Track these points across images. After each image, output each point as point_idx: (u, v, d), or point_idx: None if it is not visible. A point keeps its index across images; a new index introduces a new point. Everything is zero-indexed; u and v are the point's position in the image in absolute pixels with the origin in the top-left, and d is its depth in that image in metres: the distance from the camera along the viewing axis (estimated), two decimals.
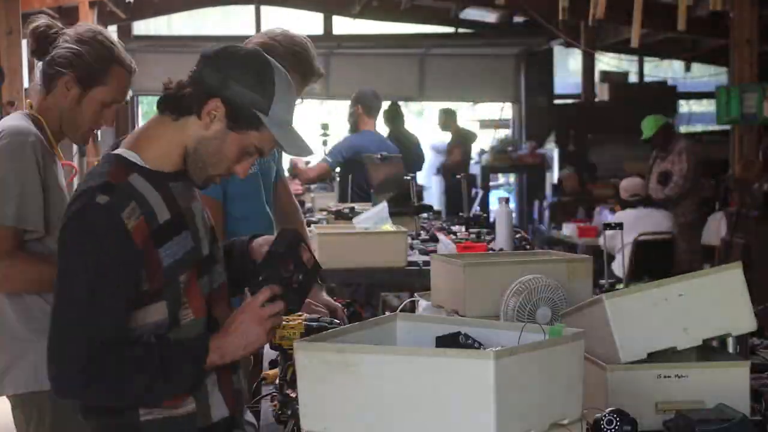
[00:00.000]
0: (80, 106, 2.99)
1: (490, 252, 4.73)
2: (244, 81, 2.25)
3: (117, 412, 2.27)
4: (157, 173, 2.29)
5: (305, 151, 2.40)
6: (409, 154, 10.12)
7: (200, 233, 2.37)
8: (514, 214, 11.44)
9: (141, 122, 14.29)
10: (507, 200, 5.10)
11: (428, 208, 6.22)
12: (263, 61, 2.30)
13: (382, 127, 11.07)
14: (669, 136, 8.95)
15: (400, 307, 3.48)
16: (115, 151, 2.32)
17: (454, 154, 11.70)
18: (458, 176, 6.65)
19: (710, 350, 2.57)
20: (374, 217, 4.94)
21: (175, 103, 2.28)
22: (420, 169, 9.84)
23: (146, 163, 2.29)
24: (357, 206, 5.84)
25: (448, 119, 12.00)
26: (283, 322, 2.61)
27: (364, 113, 7.62)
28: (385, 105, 11.16)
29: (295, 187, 7.04)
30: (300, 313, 2.67)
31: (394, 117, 10.47)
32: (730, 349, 2.75)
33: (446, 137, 12.28)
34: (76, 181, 11.60)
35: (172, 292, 2.27)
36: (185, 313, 2.29)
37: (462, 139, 11.92)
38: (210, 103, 2.25)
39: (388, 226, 4.90)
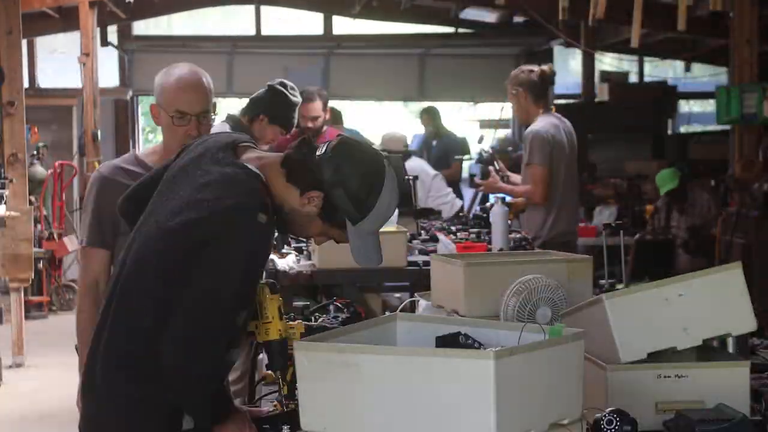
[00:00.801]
0: None
1: (490, 252, 4.73)
2: (351, 189, 2.39)
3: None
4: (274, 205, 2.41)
5: (372, 262, 2.55)
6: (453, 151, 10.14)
7: None
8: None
9: (141, 122, 14.28)
10: (503, 199, 5.10)
11: (430, 212, 6.22)
12: (378, 172, 2.42)
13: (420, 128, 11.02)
14: (685, 188, 9.11)
15: (400, 307, 3.48)
16: (256, 170, 2.41)
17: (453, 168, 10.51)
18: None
19: (710, 350, 2.57)
20: None
21: (293, 172, 2.42)
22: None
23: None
24: None
25: (429, 118, 11.27)
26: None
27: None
28: (424, 105, 11.18)
29: None
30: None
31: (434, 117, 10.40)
32: (730, 349, 2.75)
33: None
34: (76, 181, 11.51)
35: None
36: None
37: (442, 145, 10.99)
38: (312, 194, 2.39)
39: (390, 227, 4.91)
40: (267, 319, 2.44)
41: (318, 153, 2.42)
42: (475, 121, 15.15)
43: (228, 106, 12.84)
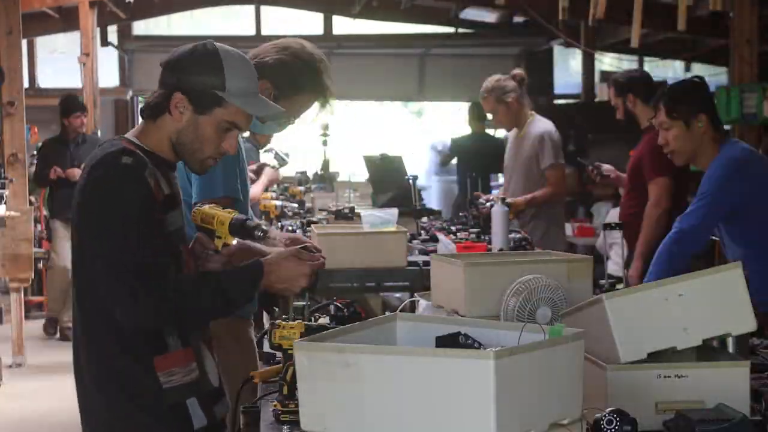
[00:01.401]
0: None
1: (490, 252, 4.73)
2: (194, 70, 2.54)
3: (138, 383, 2.49)
4: (157, 156, 2.57)
5: (272, 109, 2.68)
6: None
7: (185, 218, 2.68)
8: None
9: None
10: (503, 199, 5.10)
11: (430, 212, 6.22)
12: (208, 49, 2.58)
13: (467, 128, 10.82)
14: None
15: (401, 307, 3.48)
16: (125, 136, 2.64)
17: None
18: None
19: (710, 350, 2.57)
20: (382, 217, 4.95)
21: (149, 109, 2.59)
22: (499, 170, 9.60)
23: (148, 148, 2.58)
24: (356, 206, 5.84)
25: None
26: (283, 323, 2.67)
27: None
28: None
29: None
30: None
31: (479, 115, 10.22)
32: (730, 349, 2.75)
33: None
34: None
35: (175, 257, 2.56)
36: None
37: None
38: (174, 98, 2.54)
39: (391, 227, 4.91)
40: (214, 217, 2.69)
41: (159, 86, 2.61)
42: None
43: None
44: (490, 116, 6.52)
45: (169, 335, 2.51)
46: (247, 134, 5.34)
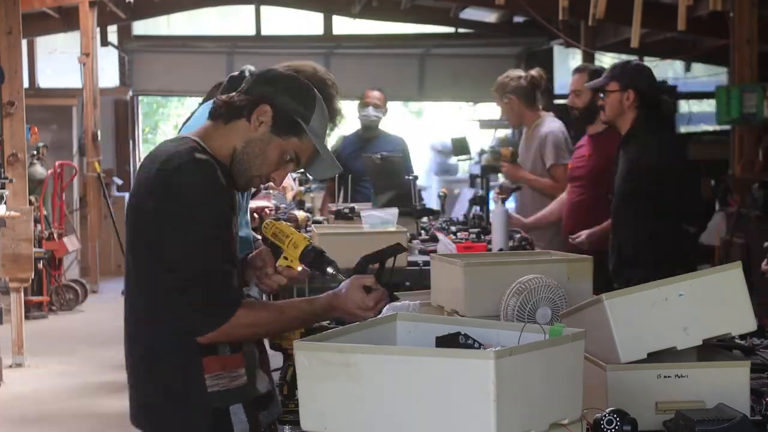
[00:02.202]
0: None
1: (490, 252, 4.73)
2: (290, 93, 2.58)
3: (184, 384, 2.52)
4: (221, 163, 2.56)
5: (334, 168, 2.73)
6: None
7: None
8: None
9: (141, 122, 14.29)
10: (503, 200, 5.10)
11: (430, 212, 6.21)
12: (305, 82, 2.67)
13: None
14: None
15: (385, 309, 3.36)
16: (188, 134, 2.61)
17: None
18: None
19: (710, 350, 2.57)
20: (382, 217, 4.96)
21: (227, 109, 2.58)
22: None
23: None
24: (357, 206, 5.84)
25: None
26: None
27: None
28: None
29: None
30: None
31: None
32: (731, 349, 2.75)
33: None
34: (76, 181, 11.53)
35: (238, 264, 2.60)
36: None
37: None
38: (260, 108, 2.55)
39: (391, 227, 4.92)
40: (288, 237, 2.65)
41: (241, 88, 2.62)
42: (475, 121, 15.15)
43: None
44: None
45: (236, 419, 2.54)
46: None
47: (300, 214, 5.87)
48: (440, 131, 14.94)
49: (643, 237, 4.58)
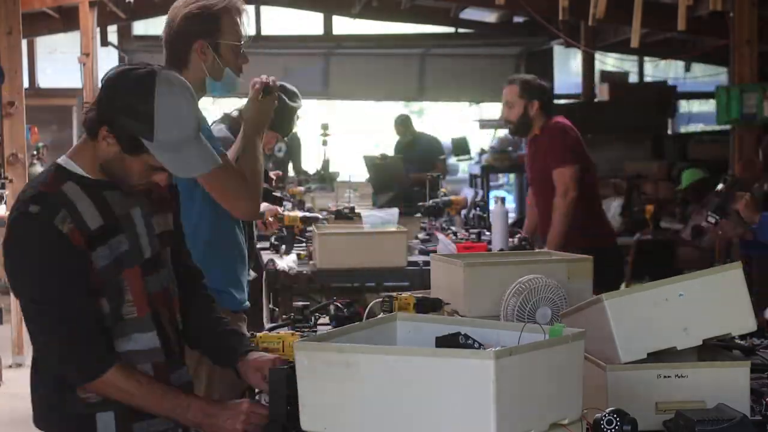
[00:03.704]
0: None
1: (490, 252, 4.73)
2: (127, 110, 2.33)
3: (60, 389, 2.44)
4: (94, 181, 2.43)
5: (196, 171, 2.47)
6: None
7: (140, 238, 2.49)
8: (512, 214, 11.40)
9: None
10: (503, 200, 5.10)
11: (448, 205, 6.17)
12: (148, 86, 2.34)
13: None
14: (703, 192, 9.09)
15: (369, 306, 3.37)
16: (58, 160, 2.48)
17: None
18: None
19: (710, 350, 2.57)
20: (384, 217, 4.97)
21: (85, 127, 2.42)
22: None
23: (87, 173, 2.43)
24: (357, 206, 5.85)
25: (402, 127, 10.97)
26: (265, 332, 2.70)
27: None
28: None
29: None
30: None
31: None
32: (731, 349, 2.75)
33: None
34: None
35: (112, 289, 2.42)
36: (129, 310, 2.46)
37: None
38: (101, 131, 2.37)
39: (391, 227, 4.92)
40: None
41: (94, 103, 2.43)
42: (475, 121, 15.16)
43: (228, 106, 12.84)
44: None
45: (103, 425, 2.45)
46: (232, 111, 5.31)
47: (291, 214, 5.81)
48: (440, 131, 14.94)
49: None
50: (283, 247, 5.30)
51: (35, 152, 10.33)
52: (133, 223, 2.48)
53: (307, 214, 5.96)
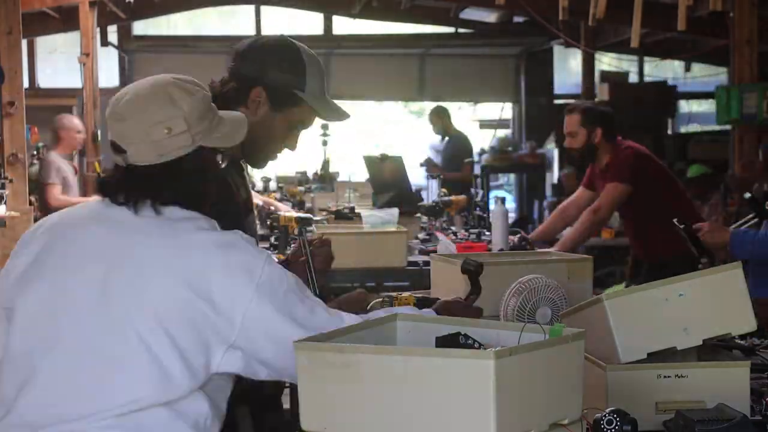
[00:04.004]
0: None
1: (490, 252, 4.73)
2: (278, 66, 2.53)
3: None
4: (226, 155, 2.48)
5: (342, 115, 2.67)
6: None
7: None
8: (513, 214, 11.42)
9: None
10: (503, 200, 5.10)
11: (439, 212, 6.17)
12: (291, 46, 2.59)
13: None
14: (707, 187, 9.09)
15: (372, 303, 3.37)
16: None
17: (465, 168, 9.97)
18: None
19: (710, 350, 2.57)
20: (384, 217, 4.97)
21: (223, 99, 2.48)
22: None
23: None
24: (357, 206, 5.85)
25: (438, 118, 11.05)
26: None
27: None
28: (424, 105, 11.15)
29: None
30: None
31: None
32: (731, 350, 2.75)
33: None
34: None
35: None
36: None
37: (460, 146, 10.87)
38: (253, 92, 2.52)
39: (391, 227, 4.92)
40: None
41: (228, 70, 2.57)
42: (475, 121, 15.16)
43: None
44: None
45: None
46: None
47: (286, 214, 5.79)
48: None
49: None
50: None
51: (35, 152, 10.31)
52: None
53: (302, 215, 5.97)
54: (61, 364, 1.94)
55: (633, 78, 14.16)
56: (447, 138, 11.00)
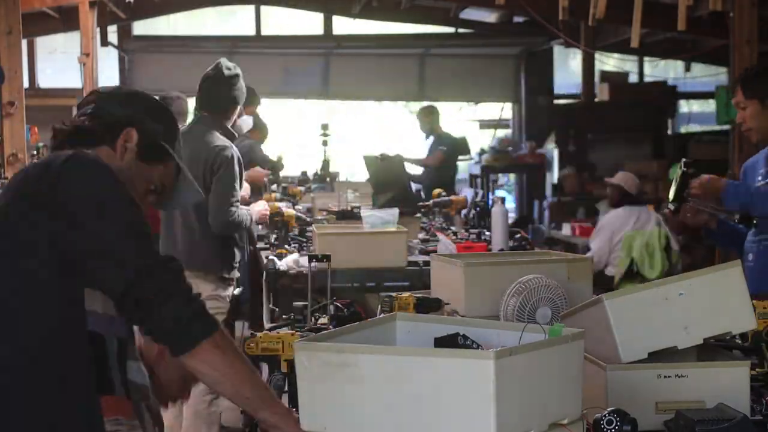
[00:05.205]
0: None
1: (490, 252, 4.73)
2: (154, 116, 2.34)
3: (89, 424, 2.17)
4: None
5: (198, 194, 2.47)
6: None
7: None
8: (513, 214, 11.42)
9: None
10: (503, 200, 5.10)
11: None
12: (161, 104, 2.42)
13: None
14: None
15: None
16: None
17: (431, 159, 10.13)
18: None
19: (710, 350, 2.57)
20: (384, 217, 4.97)
21: (87, 136, 2.27)
22: None
23: None
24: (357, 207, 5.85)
25: (428, 118, 10.81)
26: (265, 332, 2.70)
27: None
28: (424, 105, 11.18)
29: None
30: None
31: None
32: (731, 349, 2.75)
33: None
34: None
35: None
36: None
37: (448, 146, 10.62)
38: (125, 133, 2.27)
39: (391, 227, 4.92)
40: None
41: (85, 110, 2.33)
42: (475, 121, 15.15)
43: None
44: None
45: (115, 377, 2.27)
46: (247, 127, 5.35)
47: (289, 211, 5.80)
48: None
49: None
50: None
51: (35, 152, 10.31)
52: None
53: (300, 215, 5.98)
54: None
55: (633, 78, 14.16)
56: (432, 137, 10.97)
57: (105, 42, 12.34)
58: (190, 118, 5.76)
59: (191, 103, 5.40)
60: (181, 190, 2.41)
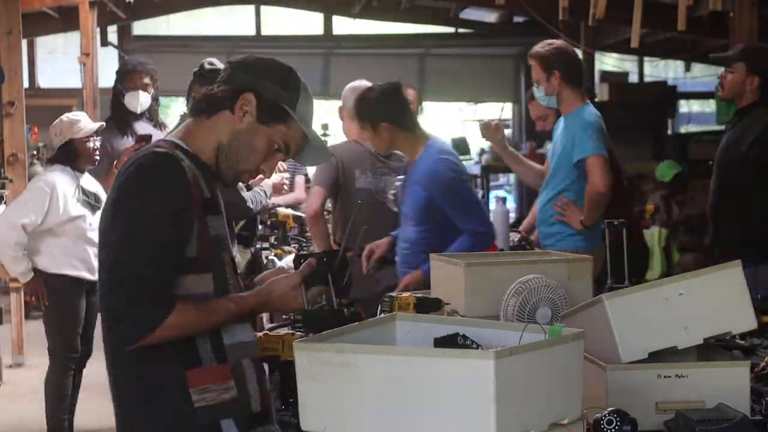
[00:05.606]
0: None
1: (490, 252, 4.72)
2: (273, 78, 2.45)
3: (173, 401, 2.31)
4: (200, 160, 2.41)
5: (322, 157, 2.61)
6: None
7: (228, 235, 2.50)
8: (513, 215, 11.40)
9: None
10: (504, 200, 5.09)
11: None
12: (288, 67, 2.52)
13: None
14: (684, 184, 9.14)
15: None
16: (166, 137, 2.49)
17: None
18: None
19: (710, 350, 2.57)
20: None
21: (208, 102, 2.45)
22: None
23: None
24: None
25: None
26: (265, 332, 2.69)
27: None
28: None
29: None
30: None
31: None
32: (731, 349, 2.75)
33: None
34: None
35: (217, 267, 2.37)
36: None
37: None
38: (242, 98, 2.41)
39: None
40: None
41: (220, 77, 2.49)
42: (475, 121, 15.15)
43: None
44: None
45: (203, 347, 2.34)
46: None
47: (284, 211, 5.79)
48: (440, 131, 14.94)
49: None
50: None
51: (35, 152, 10.31)
52: (223, 210, 2.48)
53: (299, 214, 5.97)
54: None
55: (633, 78, 14.16)
56: None
57: (105, 42, 12.35)
58: None
59: None
60: (306, 150, 2.52)
